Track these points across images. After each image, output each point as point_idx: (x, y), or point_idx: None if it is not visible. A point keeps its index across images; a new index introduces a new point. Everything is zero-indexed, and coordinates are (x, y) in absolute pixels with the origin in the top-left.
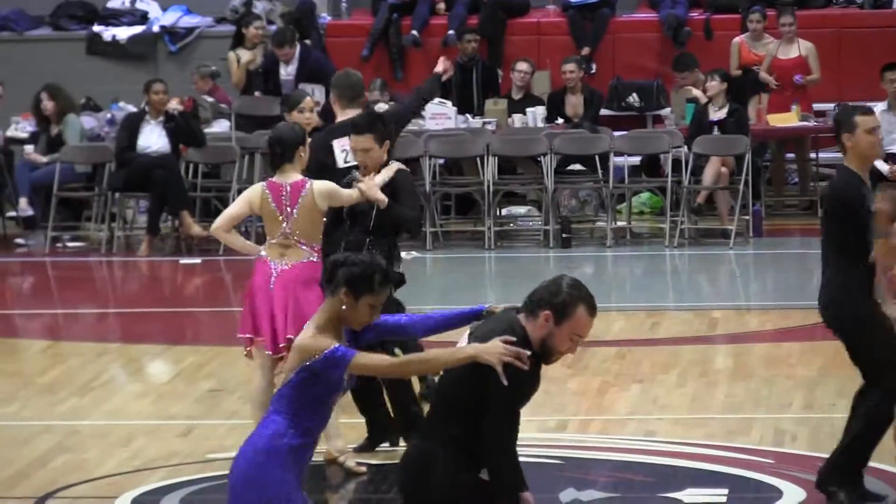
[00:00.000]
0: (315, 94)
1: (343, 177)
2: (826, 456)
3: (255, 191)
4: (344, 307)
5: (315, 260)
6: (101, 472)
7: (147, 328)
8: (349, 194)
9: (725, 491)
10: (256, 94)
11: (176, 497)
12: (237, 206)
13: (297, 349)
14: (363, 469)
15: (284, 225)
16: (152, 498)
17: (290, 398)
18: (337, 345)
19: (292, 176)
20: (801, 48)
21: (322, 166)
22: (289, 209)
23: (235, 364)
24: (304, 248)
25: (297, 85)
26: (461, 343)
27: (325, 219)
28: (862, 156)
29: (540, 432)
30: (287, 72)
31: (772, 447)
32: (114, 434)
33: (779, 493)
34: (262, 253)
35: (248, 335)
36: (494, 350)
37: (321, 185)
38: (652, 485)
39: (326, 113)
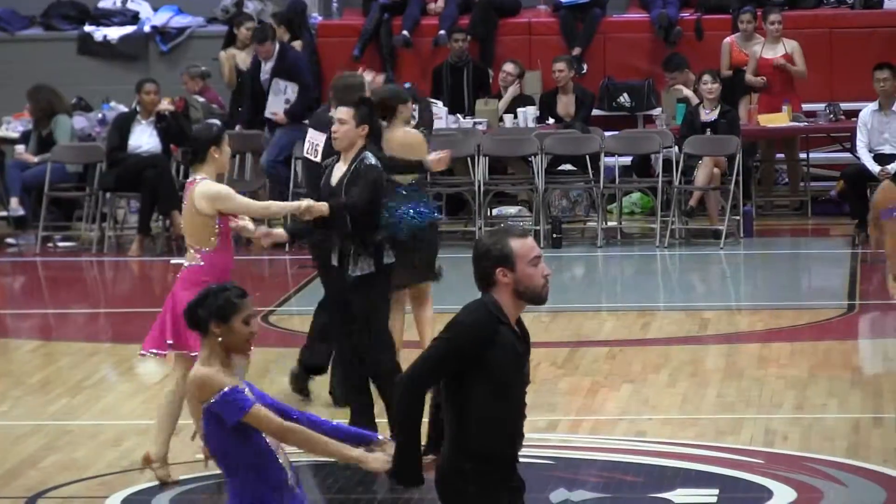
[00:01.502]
0: (287, 91)
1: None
2: (817, 456)
3: None
4: (220, 338)
5: (198, 265)
6: (92, 472)
7: (138, 328)
8: (243, 203)
9: (716, 491)
10: (237, 127)
11: (166, 497)
12: None
13: (192, 383)
14: (170, 479)
15: (182, 224)
16: (142, 498)
17: (218, 443)
18: (234, 386)
19: (196, 175)
20: (786, 46)
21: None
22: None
23: None
24: (191, 250)
25: (271, 81)
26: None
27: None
28: None
29: (530, 432)
30: (265, 69)
31: (762, 447)
32: (105, 434)
33: (769, 494)
34: None
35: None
36: (380, 461)
37: (203, 187)
38: (642, 485)
39: (294, 110)
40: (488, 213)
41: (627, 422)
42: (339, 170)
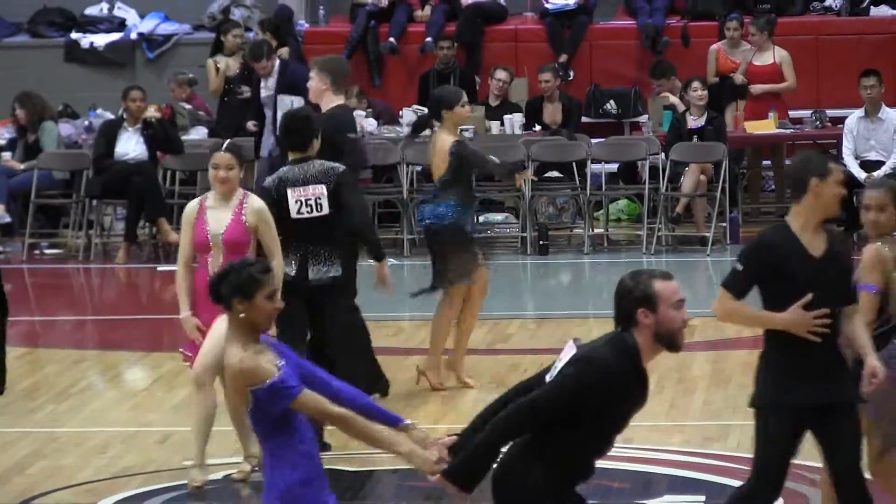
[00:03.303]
0: (293, 106)
1: None
2: (803, 462)
3: None
4: (243, 314)
5: None
6: (79, 479)
7: (124, 335)
8: None
9: (702, 498)
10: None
11: None
12: None
13: (238, 374)
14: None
15: None
16: None
17: (261, 433)
18: (281, 375)
19: None
20: (775, 55)
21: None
22: None
23: None
24: None
25: (276, 98)
26: (566, 351)
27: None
28: None
29: None
30: (267, 86)
31: (749, 454)
32: (91, 441)
33: None
34: None
35: None
36: (427, 460)
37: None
38: (629, 491)
39: None
40: (475, 220)
41: None
42: None
